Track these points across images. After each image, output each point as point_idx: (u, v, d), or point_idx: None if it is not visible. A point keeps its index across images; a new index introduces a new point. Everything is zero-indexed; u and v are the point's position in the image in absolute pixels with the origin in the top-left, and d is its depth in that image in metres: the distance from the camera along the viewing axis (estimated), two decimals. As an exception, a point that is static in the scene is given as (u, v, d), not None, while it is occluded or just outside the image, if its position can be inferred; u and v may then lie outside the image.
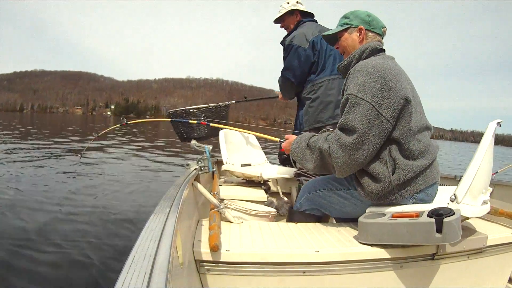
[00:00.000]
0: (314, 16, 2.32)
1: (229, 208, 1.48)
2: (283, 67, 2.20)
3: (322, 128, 2.03)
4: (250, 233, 1.21)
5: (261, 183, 2.43)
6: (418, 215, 1.05)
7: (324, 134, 1.28)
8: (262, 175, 2.28)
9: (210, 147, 1.81)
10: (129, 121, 2.69)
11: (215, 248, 0.99)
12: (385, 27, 1.39)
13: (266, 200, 2.07)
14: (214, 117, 2.64)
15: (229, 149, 2.57)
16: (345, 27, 1.37)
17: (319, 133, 1.38)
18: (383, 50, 1.36)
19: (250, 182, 2.44)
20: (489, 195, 1.24)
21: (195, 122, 2.26)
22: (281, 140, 1.55)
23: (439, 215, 0.99)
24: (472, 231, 1.25)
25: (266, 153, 2.94)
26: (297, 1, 2.29)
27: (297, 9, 2.26)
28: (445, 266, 1.15)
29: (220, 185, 2.30)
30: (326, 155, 1.22)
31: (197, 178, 1.57)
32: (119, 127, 2.88)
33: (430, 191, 1.23)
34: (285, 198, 2.52)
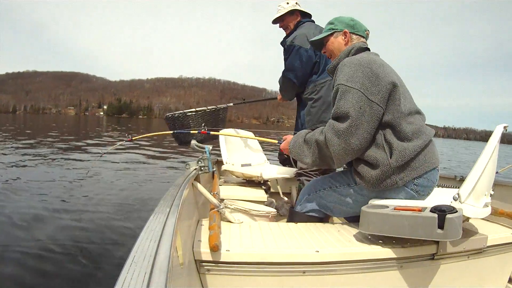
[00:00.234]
0: (311, 16, 2.32)
1: (229, 208, 1.48)
2: (284, 68, 2.19)
3: None
4: (250, 233, 1.21)
5: (261, 183, 2.43)
6: (421, 210, 1.05)
7: (320, 128, 1.31)
8: (262, 175, 2.28)
9: (210, 147, 1.81)
10: (134, 137, 2.70)
11: (215, 248, 0.99)
12: (368, 30, 1.47)
13: (266, 200, 2.07)
14: (212, 119, 2.61)
15: (229, 149, 2.57)
16: (331, 32, 1.45)
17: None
18: (368, 49, 1.43)
19: (250, 182, 2.44)
20: (490, 198, 1.24)
21: (196, 132, 2.27)
22: (280, 141, 1.56)
23: (441, 211, 1.00)
24: (472, 231, 1.25)
25: (266, 153, 2.94)
26: (296, 2, 2.28)
27: (298, 10, 2.25)
28: (445, 266, 1.15)
29: (220, 185, 2.30)
30: (323, 146, 1.25)
31: (197, 178, 1.57)
32: (124, 143, 2.88)
33: (431, 177, 1.26)
34: (285, 198, 2.52)
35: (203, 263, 1.00)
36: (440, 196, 1.31)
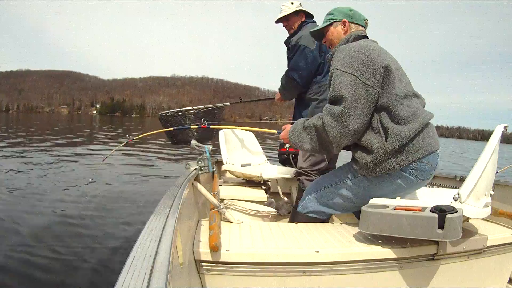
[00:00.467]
0: (313, 17, 2.32)
1: (229, 208, 1.48)
2: (289, 67, 2.18)
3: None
4: (250, 233, 1.21)
5: (261, 183, 2.43)
6: (421, 210, 1.05)
7: (317, 114, 1.32)
8: (262, 175, 2.28)
9: (210, 147, 1.81)
10: (134, 137, 2.68)
11: (215, 248, 0.98)
12: (367, 19, 1.49)
13: (266, 200, 2.07)
14: (208, 118, 2.54)
15: (229, 149, 2.57)
16: (330, 22, 1.47)
17: None
18: (366, 36, 1.44)
19: (250, 182, 2.44)
20: (490, 199, 1.24)
21: (196, 127, 2.23)
22: (279, 131, 1.58)
23: (442, 211, 1.00)
24: (472, 232, 1.25)
25: (266, 153, 2.94)
26: (299, 3, 2.28)
27: (303, 10, 2.25)
28: (445, 266, 1.14)
29: (220, 185, 2.30)
30: (321, 130, 1.26)
31: (197, 178, 1.57)
32: (125, 145, 2.86)
33: (430, 161, 1.25)
34: (285, 198, 2.52)
35: (203, 263, 1.00)
36: (440, 196, 1.31)
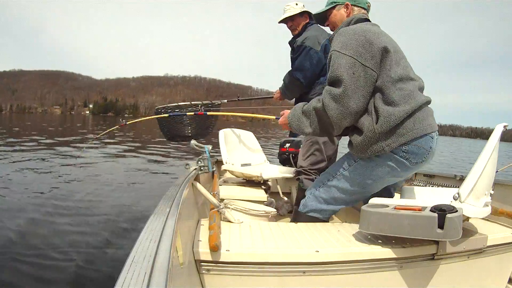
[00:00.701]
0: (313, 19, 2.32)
1: (229, 208, 1.48)
2: (293, 67, 2.18)
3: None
4: (250, 233, 1.21)
5: (261, 183, 2.42)
6: (421, 209, 1.05)
7: (316, 97, 1.34)
8: (262, 175, 2.28)
9: (210, 147, 1.81)
10: (128, 121, 2.66)
11: (215, 248, 0.98)
12: (369, 3, 1.50)
13: (266, 200, 2.07)
14: (205, 117, 2.52)
15: (229, 149, 2.57)
16: (333, 5, 1.50)
17: None
18: (368, 20, 1.45)
19: (250, 182, 2.44)
20: (490, 198, 1.24)
21: (193, 113, 2.22)
22: (277, 117, 1.59)
23: (442, 210, 1.00)
24: (472, 231, 1.25)
25: (266, 153, 2.94)
26: (303, 4, 2.28)
27: (307, 11, 2.25)
28: (445, 266, 1.14)
29: (220, 185, 2.30)
30: (321, 113, 1.28)
31: (197, 178, 1.57)
32: (118, 128, 2.84)
33: (422, 144, 1.25)
34: (285, 198, 2.52)
35: (203, 263, 1.00)
36: (440, 195, 1.31)
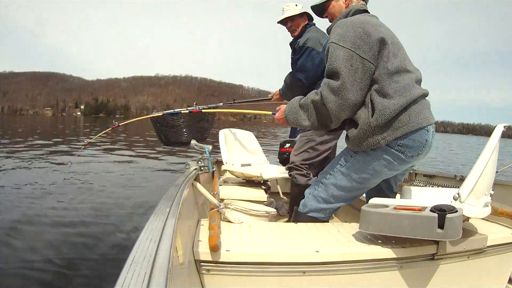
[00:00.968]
0: (313, 20, 2.32)
1: (229, 208, 1.48)
2: (295, 68, 2.18)
3: (336, 129, 2.01)
4: (250, 233, 1.21)
5: (261, 183, 2.43)
6: (421, 209, 1.05)
7: (314, 90, 1.34)
8: (262, 175, 2.28)
9: (210, 147, 1.81)
10: (120, 122, 2.61)
11: (215, 248, 0.98)
12: None
13: (266, 200, 2.07)
14: (200, 119, 2.47)
15: (229, 149, 2.57)
16: None
17: None
18: (367, 11, 1.44)
19: (250, 182, 2.44)
20: (490, 198, 1.24)
21: (188, 112, 2.21)
22: (273, 112, 1.58)
23: (442, 210, 1.00)
24: (472, 231, 1.25)
25: (266, 153, 2.94)
26: (302, 6, 2.27)
27: (307, 13, 2.25)
28: (445, 266, 1.14)
29: (220, 185, 2.30)
30: (319, 105, 1.28)
31: (197, 178, 1.57)
32: (110, 130, 2.77)
33: (417, 137, 1.25)
34: (285, 197, 2.52)
35: (203, 263, 1.00)
36: (440, 195, 1.31)
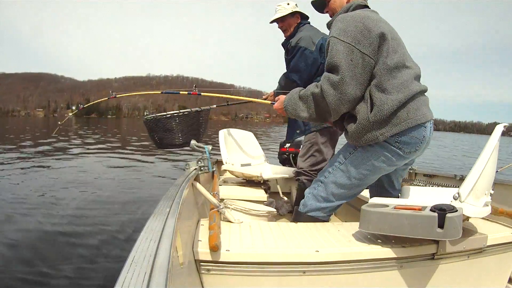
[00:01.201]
0: (308, 18, 2.31)
1: (229, 208, 1.48)
2: (289, 69, 2.17)
3: (331, 128, 2.01)
4: (250, 233, 1.21)
5: (261, 183, 2.43)
6: (421, 209, 1.05)
7: (314, 83, 1.34)
8: (262, 175, 2.28)
9: (210, 147, 1.81)
10: (118, 94, 2.53)
11: (215, 248, 0.98)
12: None
13: (266, 200, 2.07)
14: (193, 120, 2.38)
15: (229, 149, 2.57)
16: None
17: None
18: (367, 6, 1.43)
19: (250, 182, 2.45)
20: (490, 198, 1.24)
21: (186, 93, 2.19)
22: (273, 102, 1.58)
23: (442, 210, 1.00)
24: (472, 231, 1.25)
25: (266, 153, 2.94)
26: (295, 3, 2.27)
27: (299, 12, 2.24)
28: (445, 266, 1.14)
29: (220, 185, 2.30)
30: (319, 98, 1.28)
31: (197, 178, 1.57)
32: (107, 100, 2.67)
33: (415, 134, 1.26)
34: (285, 197, 2.52)
35: (203, 263, 1.00)
36: (440, 195, 1.31)
